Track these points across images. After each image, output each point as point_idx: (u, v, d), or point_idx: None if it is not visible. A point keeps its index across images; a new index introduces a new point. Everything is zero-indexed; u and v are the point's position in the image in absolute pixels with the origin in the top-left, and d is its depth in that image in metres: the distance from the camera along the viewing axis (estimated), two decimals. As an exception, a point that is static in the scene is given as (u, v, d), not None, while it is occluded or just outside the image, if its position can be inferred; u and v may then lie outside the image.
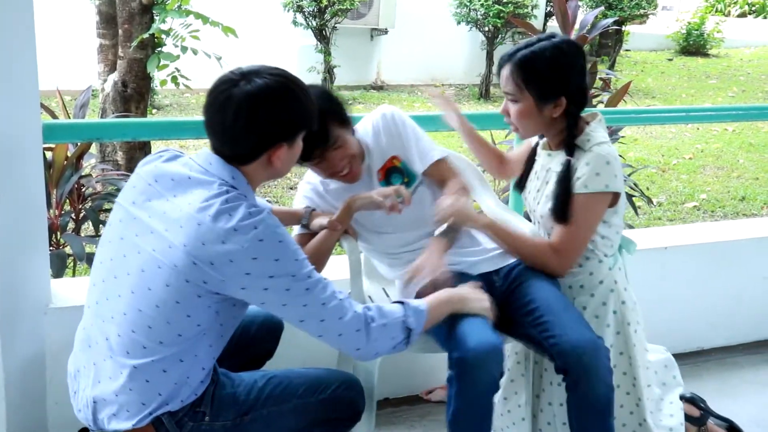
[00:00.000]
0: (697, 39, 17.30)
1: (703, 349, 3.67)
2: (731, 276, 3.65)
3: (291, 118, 2.00)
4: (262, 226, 1.88)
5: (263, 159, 2.00)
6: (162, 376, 1.95)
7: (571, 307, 2.34)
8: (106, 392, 1.98)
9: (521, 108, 2.36)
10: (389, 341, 2.04)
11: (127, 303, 1.95)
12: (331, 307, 1.96)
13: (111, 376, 1.97)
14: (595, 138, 2.39)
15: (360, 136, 2.60)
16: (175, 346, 1.94)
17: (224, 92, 1.94)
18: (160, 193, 1.97)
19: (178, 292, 1.89)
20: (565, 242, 2.39)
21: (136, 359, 1.94)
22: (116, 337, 1.96)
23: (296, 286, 1.92)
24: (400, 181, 2.58)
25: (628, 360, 2.55)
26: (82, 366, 2.06)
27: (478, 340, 2.14)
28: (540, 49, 2.34)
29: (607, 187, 2.33)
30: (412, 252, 2.58)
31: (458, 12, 12.54)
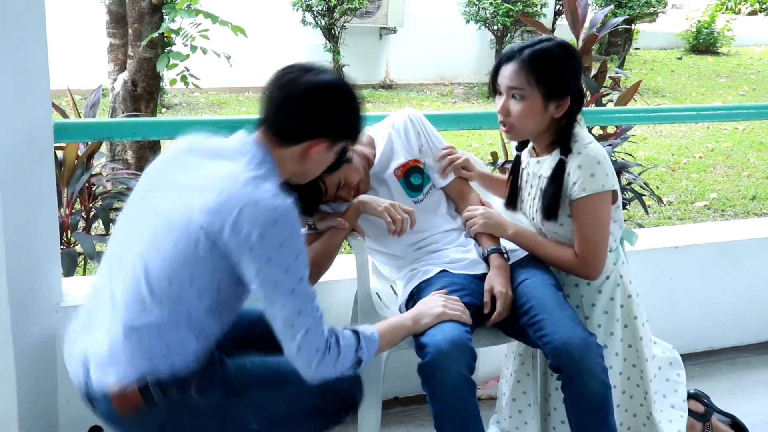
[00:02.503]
0: (707, 37, 17.25)
1: (713, 349, 3.67)
2: (742, 275, 3.64)
3: (345, 120, 2.10)
4: (282, 210, 1.90)
5: (301, 148, 2.04)
6: (156, 339, 1.94)
7: (565, 305, 2.34)
8: (100, 346, 1.96)
9: (528, 105, 2.35)
10: (338, 368, 2.03)
11: (136, 260, 1.96)
12: (304, 318, 1.96)
13: (108, 332, 1.96)
14: (583, 139, 2.40)
15: (379, 133, 2.67)
16: (174, 309, 1.94)
17: (294, 74, 2.04)
18: (189, 162, 2.02)
19: (185, 252, 1.91)
20: (585, 249, 2.39)
21: (134, 317, 1.94)
22: (120, 293, 1.97)
23: (285, 281, 1.93)
24: (419, 180, 2.63)
25: (636, 352, 2.56)
26: (83, 323, 2.06)
27: (434, 343, 2.16)
28: (547, 47, 2.35)
29: (604, 186, 2.34)
30: (417, 251, 2.60)
31: (467, 11, 12.53)
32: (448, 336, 2.17)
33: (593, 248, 2.39)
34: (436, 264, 2.53)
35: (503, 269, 2.47)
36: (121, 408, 1.94)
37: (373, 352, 2.12)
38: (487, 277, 2.46)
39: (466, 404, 2.15)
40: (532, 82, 2.33)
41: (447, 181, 2.68)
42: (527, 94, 2.35)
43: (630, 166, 4.03)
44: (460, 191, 2.71)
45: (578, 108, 2.42)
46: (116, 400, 1.93)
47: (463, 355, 2.15)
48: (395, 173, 2.62)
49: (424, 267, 2.55)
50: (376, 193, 2.62)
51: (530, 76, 2.33)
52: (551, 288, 2.40)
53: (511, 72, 2.35)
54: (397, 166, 2.62)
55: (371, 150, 2.67)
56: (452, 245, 2.60)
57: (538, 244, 2.51)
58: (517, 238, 2.54)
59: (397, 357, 2.45)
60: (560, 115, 2.38)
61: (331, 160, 2.14)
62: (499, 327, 2.43)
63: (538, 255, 2.53)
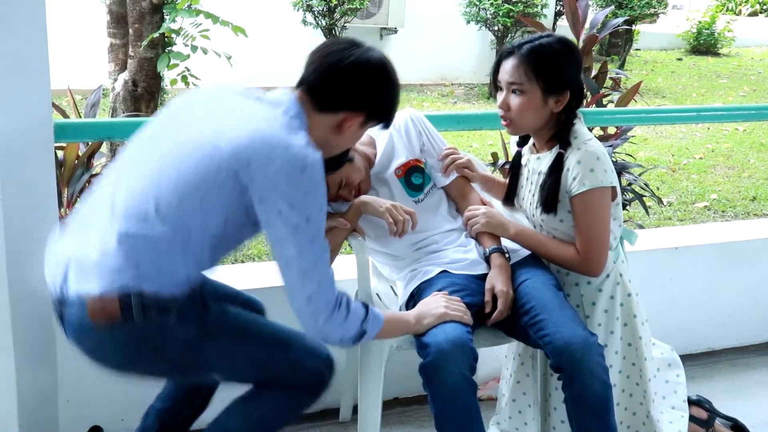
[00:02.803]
0: (708, 38, 17.24)
1: (713, 349, 3.67)
2: (742, 276, 3.64)
3: (386, 99, 2.13)
4: (312, 161, 1.91)
5: (337, 118, 2.07)
6: (149, 254, 1.90)
7: (565, 305, 2.34)
8: (88, 250, 1.92)
9: (527, 99, 2.37)
10: (342, 332, 2.04)
11: (150, 172, 1.94)
12: (319, 270, 1.97)
13: (100, 236, 1.92)
14: (582, 135, 2.42)
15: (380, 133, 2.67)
16: (176, 229, 1.91)
17: (344, 46, 2.08)
18: (223, 98, 2.05)
19: (205, 177, 1.89)
20: (587, 245, 2.40)
21: (133, 225, 1.90)
22: (123, 199, 1.94)
23: (305, 229, 1.92)
24: (420, 180, 2.63)
25: (635, 351, 2.57)
26: (71, 229, 2.02)
27: (436, 343, 2.17)
28: (547, 42, 2.38)
29: (603, 182, 2.35)
30: (417, 251, 2.60)
31: (468, 11, 12.53)
32: (450, 336, 2.17)
33: (594, 244, 2.40)
34: (436, 264, 2.54)
35: (504, 269, 2.47)
36: (94, 316, 1.88)
37: (376, 331, 2.13)
38: (489, 277, 2.46)
39: (467, 405, 2.16)
40: (531, 76, 2.35)
41: (448, 181, 2.68)
42: (526, 89, 2.36)
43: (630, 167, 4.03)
44: (461, 191, 2.71)
45: (578, 103, 2.43)
46: (93, 307, 1.88)
47: (464, 356, 2.16)
48: (396, 173, 2.62)
49: (424, 267, 2.55)
50: (377, 192, 2.62)
51: (529, 70, 2.35)
52: (552, 288, 2.40)
53: (511, 67, 2.38)
54: (397, 165, 2.63)
55: (372, 150, 2.68)
56: (453, 245, 2.60)
57: (540, 242, 2.52)
58: (519, 237, 2.55)
59: (398, 357, 2.45)
60: (560, 110, 2.40)
61: (358, 139, 2.17)
62: (500, 327, 2.43)
63: (540, 254, 2.53)
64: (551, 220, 2.46)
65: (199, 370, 2.07)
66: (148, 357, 1.99)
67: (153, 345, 1.96)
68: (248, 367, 2.10)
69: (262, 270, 3.11)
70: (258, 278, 2.94)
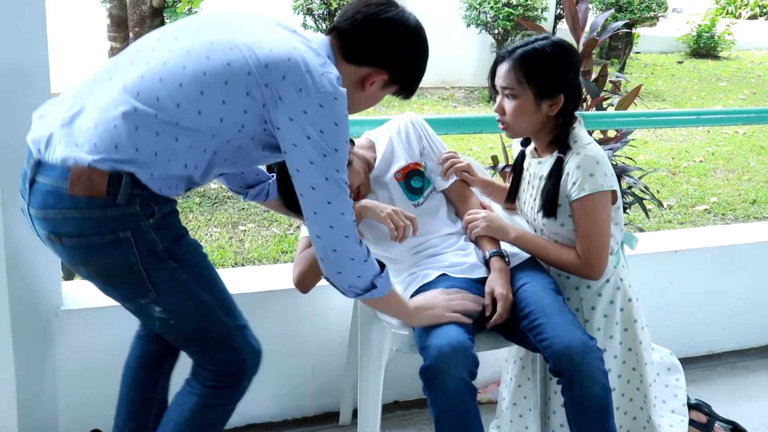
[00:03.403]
0: (708, 41, 17.25)
1: (714, 352, 3.66)
2: (743, 279, 3.64)
3: (415, 63, 2.12)
4: (342, 94, 1.89)
5: (363, 72, 2.06)
6: (152, 137, 1.82)
7: (565, 309, 2.34)
8: (86, 119, 1.84)
9: (519, 103, 2.38)
10: (356, 272, 2.03)
11: (175, 59, 1.87)
12: (344, 198, 1.95)
13: (104, 107, 1.83)
14: (582, 139, 2.42)
15: (380, 136, 2.70)
16: (186, 119, 1.83)
17: (383, 4, 2.06)
18: (256, 19, 2.00)
19: (235, 75, 1.84)
20: (587, 249, 2.40)
21: (144, 103, 1.82)
22: (137, 79, 1.85)
23: (333, 159, 1.90)
24: (419, 183, 2.63)
25: (635, 356, 2.56)
26: (69, 103, 1.92)
27: (437, 346, 2.17)
28: (540, 46, 2.37)
29: (603, 186, 2.35)
30: (416, 255, 2.60)
31: (468, 14, 12.53)
32: (451, 341, 2.17)
33: (595, 248, 2.40)
34: (435, 268, 2.53)
35: (504, 272, 2.47)
36: (74, 186, 1.79)
37: (383, 293, 2.12)
38: (488, 280, 2.46)
39: (467, 409, 2.15)
40: (522, 81, 2.35)
41: (448, 184, 2.68)
42: (518, 93, 2.37)
43: (630, 170, 4.03)
44: (461, 194, 2.71)
45: (574, 106, 2.43)
46: (76, 176, 1.79)
47: (465, 360, 2.15)
48: (396, 176, 2.62)
49: (423, 271, 2.54)
50: (377, 196, 2.62)
51: (520, 75, 2.35)
52: (551, 292, 2.39)
53: (504, 72, 2.39)
54: (397, 169, 2.63)
55: (372, 153, 2.68)
56: (452, 249, 2.60)
57: (540, 246, 2.52)
58: (519, 241, 2.54)
59: (398, 361, 2.44)
60: (555, 113, 2.39)
61: (378, 101, 2.14)
62: (500, 331, 2.43)
63: (540, 257, 2.53)
64: (552, 224, 2.46)
65: (146, 291, 1.91)
66: (110, 248, 1.85)
67: (121, 236, 1.84)
68: (191, 313, 2.00)
69: (263, 273, 3.10)
70: (259, 282, 2.94)
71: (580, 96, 2.47)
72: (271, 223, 5.93)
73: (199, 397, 2.11)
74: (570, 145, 2.40)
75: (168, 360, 2.31)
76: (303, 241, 2.57)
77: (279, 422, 3.00)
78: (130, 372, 2.31)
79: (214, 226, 5.84)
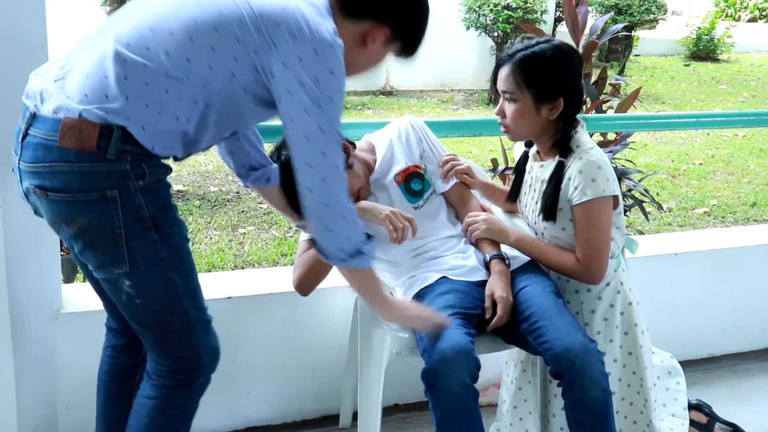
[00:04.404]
0: (707, 44, 17.23)
1: (714, 355, 3.66)
2: (742, 282, 3.64)
3: (413, 17, 2.07)
4: (338, 45, 1.86)
5: (362, 27, 2.01)
6: (140, 86, 1.79)
7: (565, 311, 2.34)
8: (78, 71, 1.81)
9: (519, 107, 2.38)
10: (344, 232, 1.97)
11: (168, 8, 1.85)
12: (337, 151, 1.90)
13: (95, 58, 1.81)
14: (584, 143, 2.42)
15: (380, 139, 2.70)
16: (175, 69, 1.80)
17: None
18: None
19: (226, 21, 1.81)
20: (587, 253, 2.40)
21: (132, 53, 1.79)
22: (128, 29, 1.83)
23: (328, 109, 1.86)
24: (419, 186, 2.63)
25: (636, 360, 2.56)
26: (62, 62, 1.89)
27: (439, 349, 2.17)
28: (540, 50, 2.38)
29: (605, 191, 2.35)
30: (416, 257, 2.60)
31: (467, 17, 12.52)
32: (453, 343, 2.17)
33: (595, 253, 2.40)
34: (435, 270, 2.53)
35: (504, 275, 2.47)
36: (64, 138, 1.77)
37: (368, 263, 2.05)
38: (488, 283, 2.46)
39: (468, 412, 2.15)
40: (522, 84, 2.36)
41: (448, 187, 2.68)
42: (518, 97, 2.37)
43: (630, 173, 4.02)
44: (461, 197, 2.71)
45: (575, 110, 2.43)
46: (66, 127, 1.76)
47: (467, 363, 2.16)
48: (395, 179, 2.62)
49: (423, 274, 2.55)
50: (377, 198, 2.62)
51: (520, 78, 2.36)
52: (551, 295, 2.40)
53: (504, 75, 2.39)
54: (397, 171, 2.63)
55: (372, 156, 2.68)
56: (452, 252, 2.60)
57: (540, 249, 2.52)
58: (520, 244, 2.55)
59: (398, 363, 2.45)
60: (555, 117, 2.39)
61: (381, 60, 2.10)
62: (500, 334, 2.43)
63: (540, 260, 2.53)
64: (553, 228, 2.46)
65: (121, 260, 1.87)
66: (95, 206, 1.82)
67: (107, 195, 1.81)
68: (158, 296, 1.95)
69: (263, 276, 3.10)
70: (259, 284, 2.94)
71: (582, 100, 2.47)
72: (270, 225, 5.93)
73: (155, 401, 2.07)
74: (572, 148, 2.41)
75: (138, 370, 2.25)
76: (303, 244, 2.57)
77: (279, 425, 3.00)
78: (103, 385, 2.30)
79: (213, 228, 5.83)
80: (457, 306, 2.37)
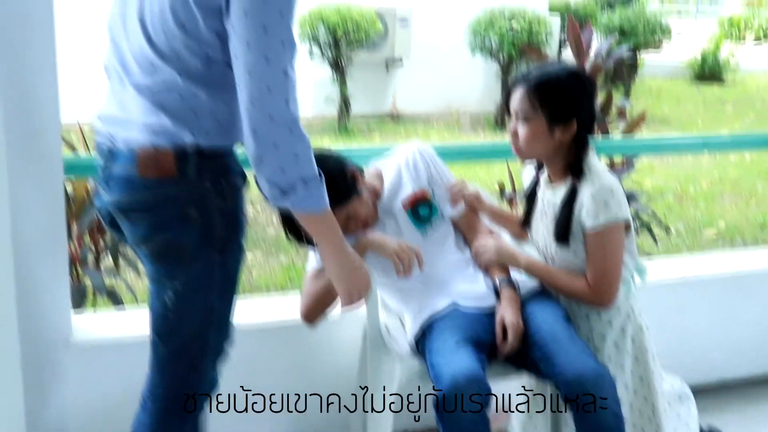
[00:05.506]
0: (713, 66, 17.28)
1: (725, 380, 3.63)
2: (753, 306, 3.62)
3: None
4: None
5: None
6: (178, 101, 1.83)
7: (576, 337, 2.35)
8: (133, 102, 1.87)
9: (532, 128, 2.39)
10: (291, 150, 1.79)
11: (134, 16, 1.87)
12: (282, 66, 1.77)
13: (131, 95, 1.88)
14: (596, 167, 2.43)
15: (388, 166, 2.71)
16: (178, 63, 1.82)
17: None
18: None
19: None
20: (599, 279, 2.40)
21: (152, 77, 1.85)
22: (129, 52, 1.90)
23: (278, 23, 1.76)
24: (427, 211, 2.64)
25: (647, 386, 2.55)
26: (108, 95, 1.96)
27: (451, 376, 2.17)
28: (555, 73, 2.42)
29: (617, 216, 2.36)
30: (425, 284, 2.60)
31: (473, 42, 12.58)
32: (465, 370, 2.18)
33: (606, 277, 2.40)
34: (445, 297, 2.53)
35: (514, 300, 2.47)
36: (144, 168, 1.83)
37: (318, 198, 1.88)
38: (499, 309, 2.46)
39: None
40: (536, 106, 2.38)
41: (456, 211, 2.68)
42: (532, 118, 2.39)
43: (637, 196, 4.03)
44: (469, 222, 2.71)
45: (588, 132, 2.44)
46: (142, 159, 1.83)
47: (478, 391, 2.16)
48: (403, 205, 2.63)
49: (432, 300, 2.54)
50: (384, 224, 2.63)
51: (535, 100, 2.38)
52: (562, 320, 2.40)
53: (518, 97, 2.41)
54: (404, 198, 2.64)
55: (379, 182, 2.69)
56: (460, 277, 2.60)
57: (550, 274, 2.52)
58: (530, 268, 2.54)
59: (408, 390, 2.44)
60: (568, 140, 2.41)
61: None
62: (510, 361, 2.43)
63: (550, 285, 2.53)
64: (565, 252, 2.46)
65: (177, 273, 1.93)
66: (173, 225, 1.87)
67: (187, 213, 1.87)
68: (195, 315, 1.98)
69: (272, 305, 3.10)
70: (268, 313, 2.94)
71: (594, 123, 2.49)
72: (278, 251, 5.93)
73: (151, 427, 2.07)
74: (584, 171, 2.41)
75: None
76: (310, 273, 2.57)
77: (288, 453, 2.98)
78: None
79: (221, 254, 5.83)
80: (468, 333, 2.37)
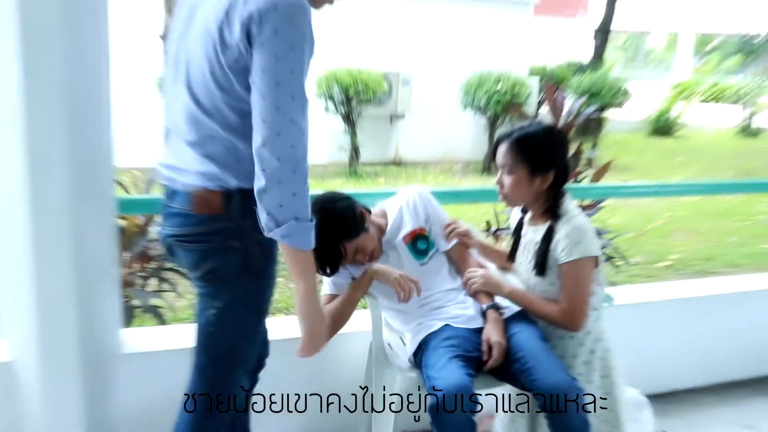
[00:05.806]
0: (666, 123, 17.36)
1: (677, 390, 3.61)
2: (700, 326, 3.61)
3: None
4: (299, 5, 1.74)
5: None
6: (223, 151, 1.85)
7: (551, 354, 2.35)
8: (186, 156, 1.90)
9: (516, 178, 2.40)
10: (291, 188, 1.75)
11: (182, 76, 1.89)
12: (294, 117, 1.76)
13: (185, 150, 1.91)
14: (570, 210, 2.44)
15: (392, 206, 2.70)
16: (218, 115, 1.83)
17: None
18: None
19: (209, 59, 1.80)
20: (571, 306, 2.41)
21: (194, 132, 1.88)
22: (178, 111, 1.92)
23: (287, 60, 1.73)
24: (424, 245, 2.64)
25: (612, 398, 2.53)
26: (173, 147, 1.98)
27: (445, 387, 2.18)
28: (534, 130, 2.42)
29: (587, 253, 2.36)
30: (422, 307, 2.60)
31: (465, 99, 12.68)
32: (456, 382, 2.19)
33: (577, 304, 2.40)
34: (439, 319, 2.53)
35: (499, 322, 2.47)
36: (198, 207, 1.88)
37: (305, 235, 1.80)
38: (485, 329, 2.45)
39: None
40: (518, 159, 2.39)
41: (449, 246, 2.68)
42: (515, 170, 2.40)
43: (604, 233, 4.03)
44: (460, 255, 2.71)
45: (563, 180, 2.44)
46: (197, 199, 1.88)
47: (467, 399, 2.17)
48: (404, 240, 2.63)
49: (429, 321, 2.54)
50: (388, 256, 2.63)
51: (517, 154, 2.39)
52: (539, 340, 2.40)
53: (502, 152, 2.42)
54: (405, 233, 2.64)
55: (384, 220, 2.69)
56: (453, 302, 2.60)
57: (530, 300, 2.51)
58: (512, 296, 2.55)
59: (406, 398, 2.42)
60: (546, 187, 2.41)
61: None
62: (495, 374, 2.42)
63: (530, 310, 2.53)
64: (543, 283, 2.46)
65: (220, 294, 1.95)
66: (220, 253, 1.91)
67: (231, 245, 1.90)
68: (232, 330, 1.99)
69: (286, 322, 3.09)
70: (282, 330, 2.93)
71: (568, 172, 2.50)
72: (298, 276, 5.90)
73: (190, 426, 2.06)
74: (560, 215, 2.41)
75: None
76: (324, 298, 2.57)
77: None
78: None
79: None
80: (459, 350, 2.37)
